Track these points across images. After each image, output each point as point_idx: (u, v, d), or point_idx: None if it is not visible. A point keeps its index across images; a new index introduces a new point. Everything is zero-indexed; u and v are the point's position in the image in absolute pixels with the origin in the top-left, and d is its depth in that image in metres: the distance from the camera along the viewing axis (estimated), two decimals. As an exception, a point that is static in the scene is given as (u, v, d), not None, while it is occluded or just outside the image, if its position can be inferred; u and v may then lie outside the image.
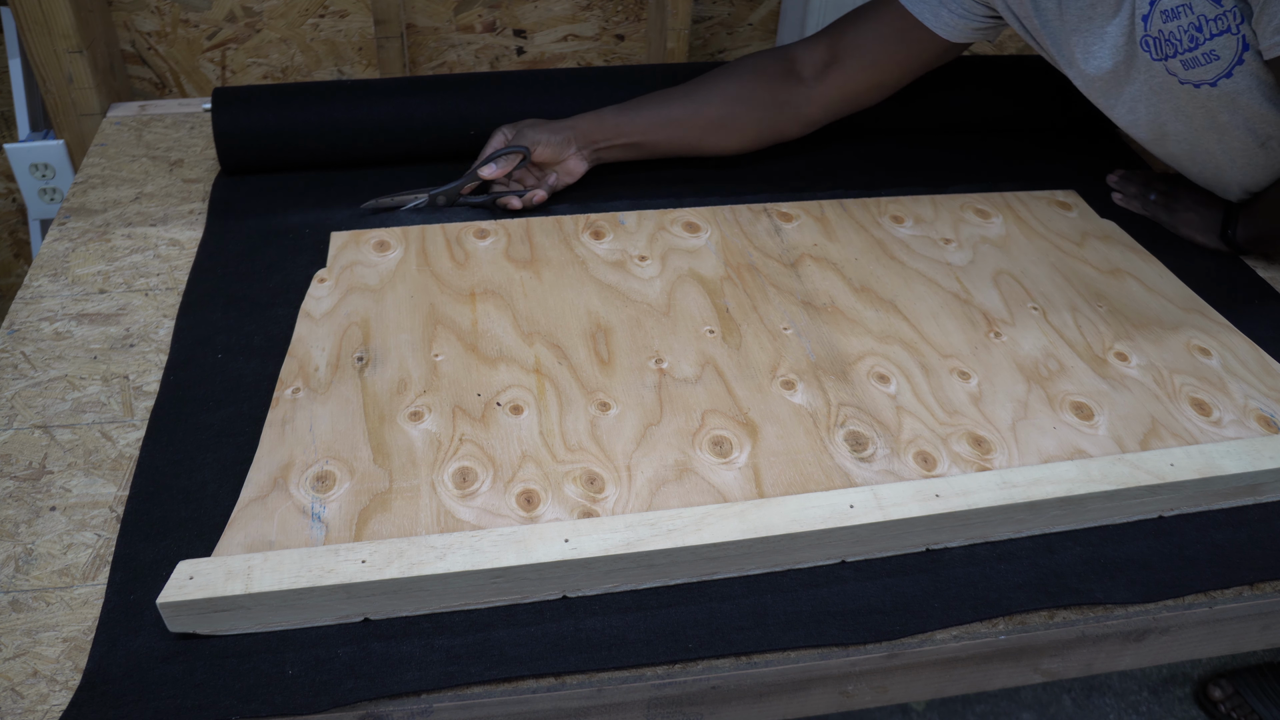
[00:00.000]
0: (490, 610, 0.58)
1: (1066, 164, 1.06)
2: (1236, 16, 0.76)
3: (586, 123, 0.93)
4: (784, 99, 0.96)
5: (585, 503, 0.62)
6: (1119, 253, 0.90)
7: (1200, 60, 0.79)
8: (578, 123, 0.93)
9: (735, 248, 0.88)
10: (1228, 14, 0.76)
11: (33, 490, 0.64)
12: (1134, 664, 0.65)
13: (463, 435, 0.67)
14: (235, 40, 1.23)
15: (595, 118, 0.93)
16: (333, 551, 0.56)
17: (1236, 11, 0.76)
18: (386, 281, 0.81)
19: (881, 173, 1.03)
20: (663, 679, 0.56)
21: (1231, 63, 0.78)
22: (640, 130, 0.94)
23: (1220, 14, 0.77)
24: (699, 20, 1.36)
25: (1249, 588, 0.63)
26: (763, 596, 0.59)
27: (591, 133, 0.93)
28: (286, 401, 0.69)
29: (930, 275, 0.86)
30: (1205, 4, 0.77)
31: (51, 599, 0.57)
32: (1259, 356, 0.78)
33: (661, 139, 0.95)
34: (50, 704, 0.52)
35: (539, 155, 0.91)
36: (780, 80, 0.95)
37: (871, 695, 0.61)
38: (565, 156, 0.92)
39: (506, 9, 1.29)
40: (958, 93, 1.10)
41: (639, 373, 0.73)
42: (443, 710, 0.54)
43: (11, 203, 1.33)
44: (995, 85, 1.11)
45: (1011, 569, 0.62)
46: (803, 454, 0.67)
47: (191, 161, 1.01)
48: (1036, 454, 0.68)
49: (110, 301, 0.80)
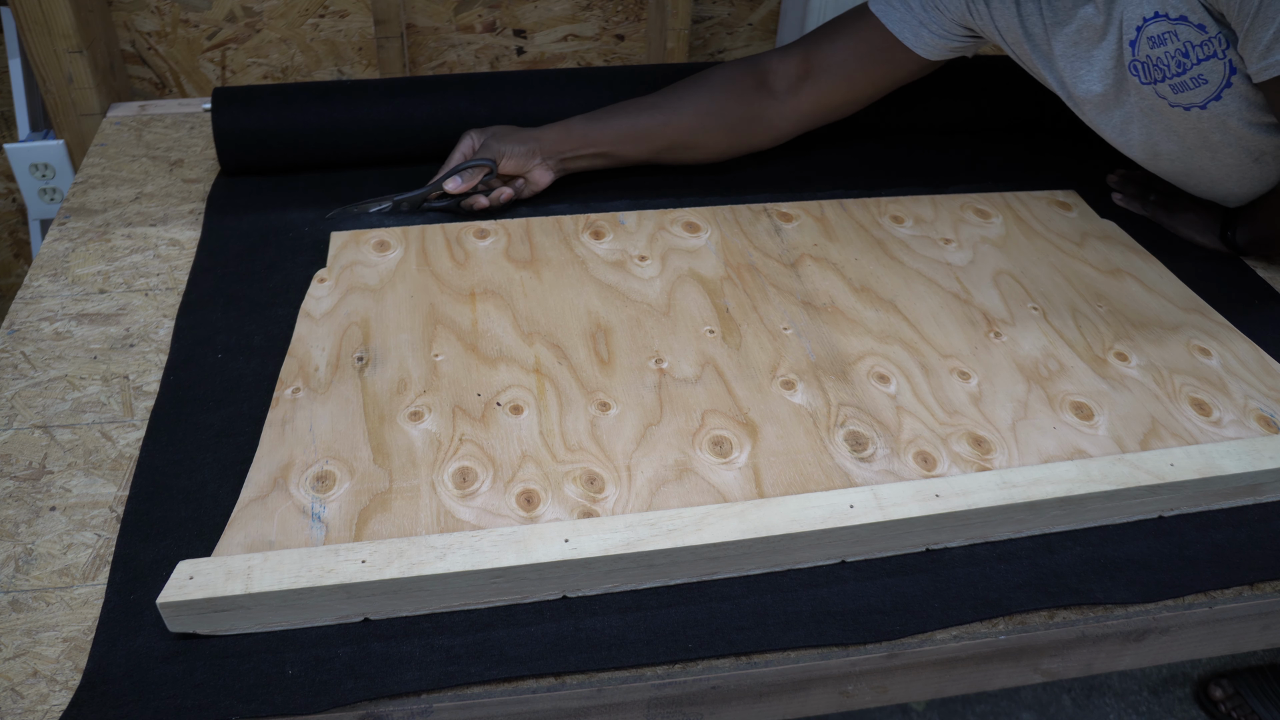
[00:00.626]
0: (490, 610, 0.58)
1: (1066, 164, 1.06)
2: (1222, 42, 0.77)
3: (554, 133, 0.92)
4: (755, 112, 0.95)
5: (585, 503, 0.62)
6: (1119, 253, 0.90)
7: (1189, 84, 0.80)
8: (544, 133, 0.92)
9: (735, 248, 0.88)
10: (1213, 39, 0.77)
11: (33, 490, 0.64)
12: (1134, 664, 0.65)
13: (463, 435, 0.67)
14: (235, 40, 1.23)
15: (563, 128, 0.93)
16: (333, 551, 0.56)
17: (1222, 37, 0.77)
18: (386, 281, 0.81)
19: (881, 173, 1.03)
20: (663, 679, 0.56)
21: (1220, 86, 0.79)
22: (609, 140, 0.94)
23: (1206, 39, 0.77)
24: (699, 20, 1.36)
25: (1249, 588, 0.63)
26: (763, 596, 0.59)
27: (558, 144, 0.92)
28: (286, 401, 0.69)
29: (930, 275, 0.86)
30: (1191, 30, 0.77)
31: (51, 599, 0.57)
32: (1259, 356, 0.78)
33: (630, 149, 0.95)
34: (50, 704, 0.52)
35: (505, 167, 0.90)
36: (752, 93, 0.95)
37: (871, 695, 0.61)
38: (531, 167, 0.92)
39: (506, 9, 1.29)
40: (958, 93, 1.10)
41: (639, 373, 0.73)
42: (443, 710, 0.54)
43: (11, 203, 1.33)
44: (995, 86, 1.11)
45: (1011, 569, 0.62)
46: (803, 454, 0.67)
47: (191, 161, 1.01)
48: (1036, 454, 0.68)
49: (110, 301, 0.80)
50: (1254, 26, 0.73)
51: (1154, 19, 0.79)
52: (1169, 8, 0.78)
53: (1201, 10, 0.76)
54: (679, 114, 0.94)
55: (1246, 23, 0.73)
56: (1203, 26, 0.77)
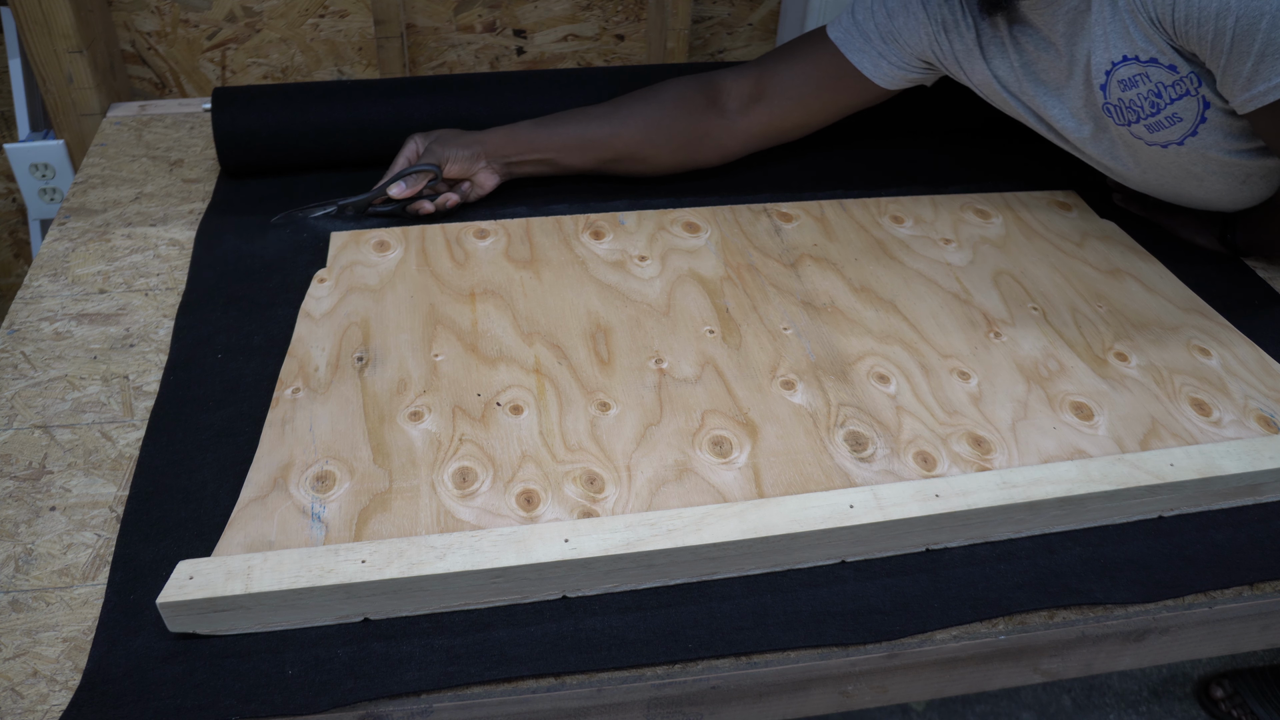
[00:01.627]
0: (490, 610, 0.58)
1: (1066, 164, 1.06)
2: (1194, 80, 0.77)
3: (498, 137, 0.92)
4: (704, 130, 0.95)
5: (585, 503, 0.62)
6: (1119, 253, 0.90)
7: (1164, 123, 0.80)
8: (489, 137, 0.92)
9: (735, 248, 0.88)
10: (1185, 79, 0.77)
11: (33, 490, 0.64)
12: (1134, 664, 0.65)
13: (463, 435, 0.67)
14: (235, 40, 1.23)
15: (508, 132, 0.93)
16: (333, 551, 0.56)
17: (1194, 76, 0.77)
18: (386, 281, 0.81)
19: (881, 173, 1.03)
20: (663, 679, 0.56)
21: (1195, 122, 0.79)
22: (554, 148, 0.93)
23: (1177, 79, 0.77)
24: (699, 20, 1.36)
25: (1249, 588, 0.63)
26: (762, 596, 0.59)
27: (503, 147, 0.92)
28: (286, 401, 0.69)
29: (930, 275, 0.86)
30: (1161, 71, 0.77)
31: (51, 599, 0.57)
32: (1259, 356, 0.78)
33: (575, 158, 0.94)
34: (50, 704, 0.52)
35: (450, 171, 0.90)
36: (702, 110, 0.94)
37: (871, 695, 0.61)
38: (475, 170, 0.92)
39: (506, 9, 1.29)
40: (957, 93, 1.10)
41: (639, 373, 0.73)
42: (443, 710, 0.54)
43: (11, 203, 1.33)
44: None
45: (1011, 569, 0.62)
46: (803, 454, 0.67)
47: (191, 161, 1.01)
48: (1036, 454, 0.68)
49: (110, 301, 0.80)
50: (1230, 62, 0.73)
51: (1123, 63, 0.78)
52: (1138, 50, 0.77)
53: (1171, 51, 0.76)
54: (627, 126, 0.94)
55: (1222, 59, 0.73)
56: (1173, 67, 0.77)
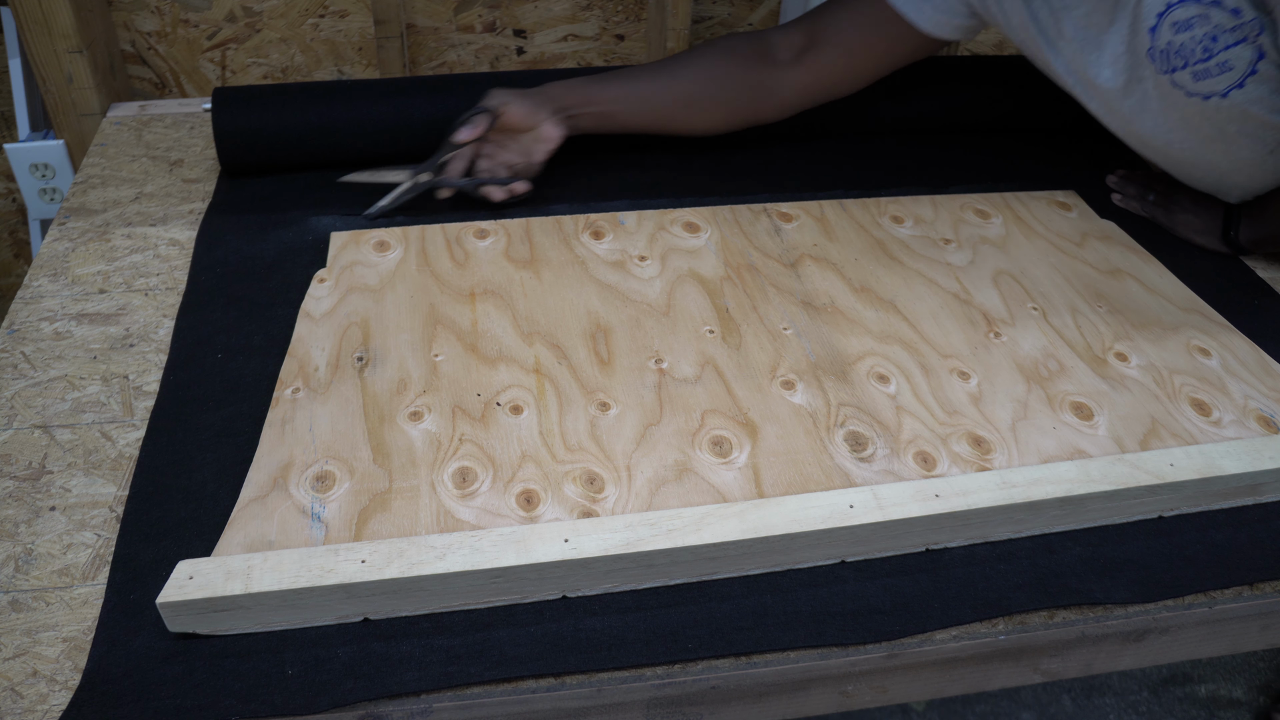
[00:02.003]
0: (490, 610, 0.58)
1: (1066, 164, 1.06)
2: (1256, 27, 0.75)
3: (557, 88, 0.92)
4: (758, 80, 0.95)
5: (585, 503, 0.62)
6: (1119, 253, 0.90)
7: (1212, 71, 0.78)
8: (548, 88, 0.92)
9: (735, 248, 0.88)
10: (1246, 24, 0.76)
11: (33, 490, 0.64)
12: (1134, 664, 0.65)
13: (462, 435, 0.67)
14: (235, 40, 1.23)
15: (565, 85, 0.92)
16: (332, 551, 0.56)
17: (1257, 22, 0.75)
18: (386, 281, 0.81)
19: (881, 173, 1.03)
20: (662, 679, 0.56)
21: (1245, 73, 0.78)
22: (610, 100, 0.93)
23: (1238, 24, 0.76)
24: (699, 20, 1.36)
25: (1249, 588, 0.63)
26: (762, 596, 0.59)
27: (563, 96, 0.92)
28: (286, 401, 0.69)
29: (930, 275, 0.86)
30: (1222, 15, 0.76)
31: (51, 599, 0.57)
32: (1259, 356, 0.78)
33: (632, 112, 0.94)
34: (50, 704, 0.52)
35: (509, 117, 0.89)
36: (755, 62, 0.94)
37: (871, 695, 0.61)
38: (538, 120, 0.91)
39: (506, 9, 1.29)
40: (958, 92, 1.10)
41: (639, 373, 0.73)
42: (442, 710, 0.54)
43: (11, 203, 1.33)
44: (995, 85, 1.11)
45: (1011, 569, 0.62)
46: (802, 454, 0.67)
47: (191, 161, 1.01)
48: (1036, 454, 0.68)
49: (110, 301, 0.80)
50: None
51: (1180, 3, 0.77)
52: None
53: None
54: (681, 80, 0.94)
55: None
56: (1237, 11, 0.75)
